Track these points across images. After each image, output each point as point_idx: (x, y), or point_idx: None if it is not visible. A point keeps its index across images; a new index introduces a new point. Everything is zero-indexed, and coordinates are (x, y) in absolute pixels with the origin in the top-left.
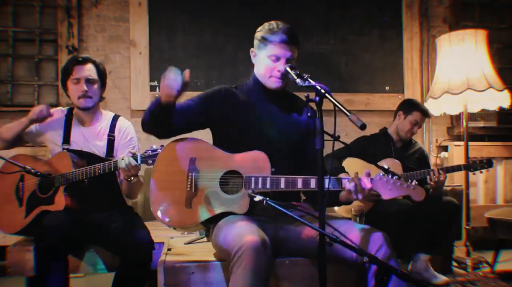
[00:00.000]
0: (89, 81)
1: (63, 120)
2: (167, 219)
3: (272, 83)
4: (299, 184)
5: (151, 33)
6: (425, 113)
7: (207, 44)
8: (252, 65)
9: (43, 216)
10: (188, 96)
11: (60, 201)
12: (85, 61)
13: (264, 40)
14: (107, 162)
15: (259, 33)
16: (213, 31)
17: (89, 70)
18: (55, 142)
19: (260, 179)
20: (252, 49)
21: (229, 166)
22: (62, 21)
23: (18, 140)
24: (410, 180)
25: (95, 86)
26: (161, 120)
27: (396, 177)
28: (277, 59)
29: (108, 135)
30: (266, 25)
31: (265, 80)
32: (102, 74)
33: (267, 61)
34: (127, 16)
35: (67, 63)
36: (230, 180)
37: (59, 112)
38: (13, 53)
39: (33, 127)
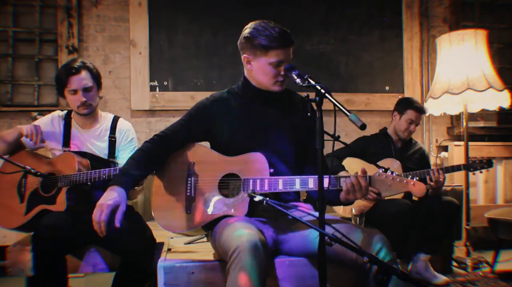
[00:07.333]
0: (86, 90)
1: (62, 125)
2: (167, 225)
3: (277, 87)
4: (297, 185)
5: (151, 33)
6: (419, 110)
7: (207, 44)
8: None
9: (43, 214)
10: (188, 96)
11: (62, 202)
12: (79, 70)
13: (264, 47)
14: (112, 168)
15: (255, 39)
16: (213, 31)
17: (85, 79)
18: (55, 147)
19: (258, 181)
20: (244, 55)
21: (227, 169)
22: (62, 21)
23: (18, 146)
24: (410, 176)
25: (93, 92)
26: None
27: (396, 174)
28: (280, 63)
29: (109, 137)
30: (257, 30)
31: (268, 86)
32: (96, 76)
33: (269, 68)
34: (127, 16)
35: (60, 74)
36: (229, 183)
37: (56, 119)
38: (13, 53)
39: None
